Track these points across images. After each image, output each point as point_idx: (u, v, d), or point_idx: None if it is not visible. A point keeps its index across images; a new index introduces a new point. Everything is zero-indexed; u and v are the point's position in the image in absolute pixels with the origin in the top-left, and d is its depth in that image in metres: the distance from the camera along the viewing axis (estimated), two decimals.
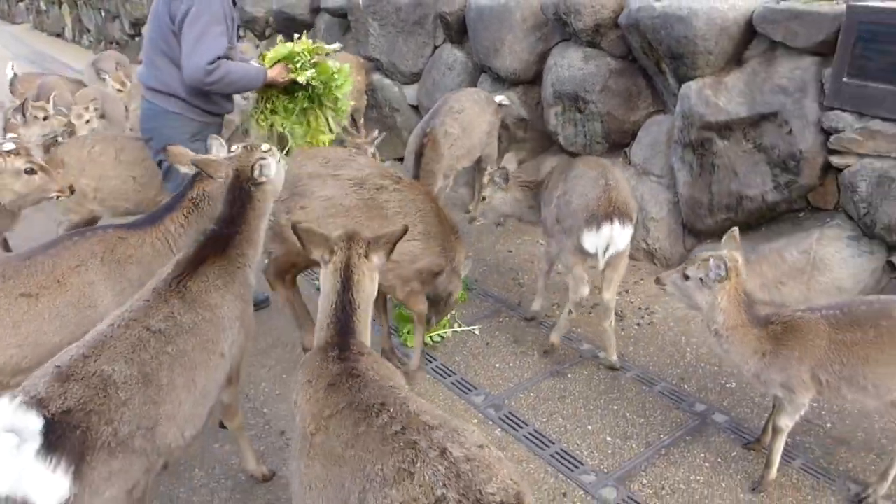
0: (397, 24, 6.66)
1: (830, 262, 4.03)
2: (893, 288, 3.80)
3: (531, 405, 3.48)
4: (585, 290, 3.60)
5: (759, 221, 4.36)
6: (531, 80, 5.61)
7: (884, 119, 3.65)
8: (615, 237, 3.44)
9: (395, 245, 2.25)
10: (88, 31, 17.14)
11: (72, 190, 3.49)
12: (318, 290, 2.30)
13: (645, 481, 2.97)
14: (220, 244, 2.55)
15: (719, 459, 3.09)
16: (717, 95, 4.25)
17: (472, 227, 5.15)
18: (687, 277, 2.75)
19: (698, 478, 2.99)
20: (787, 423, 2.77)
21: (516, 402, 3.49)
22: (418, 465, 1.57)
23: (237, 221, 2.63)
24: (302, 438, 1.87)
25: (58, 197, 3.45)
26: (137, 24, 13.75)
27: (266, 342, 4.03)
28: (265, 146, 2.84)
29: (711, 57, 4.23)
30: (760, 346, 2.68)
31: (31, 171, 3.30)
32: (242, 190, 2.68)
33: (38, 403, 1.84)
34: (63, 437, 1.81)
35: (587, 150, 5.27)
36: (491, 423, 3.37)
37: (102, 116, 5.90)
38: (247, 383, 3.72)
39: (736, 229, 2.82)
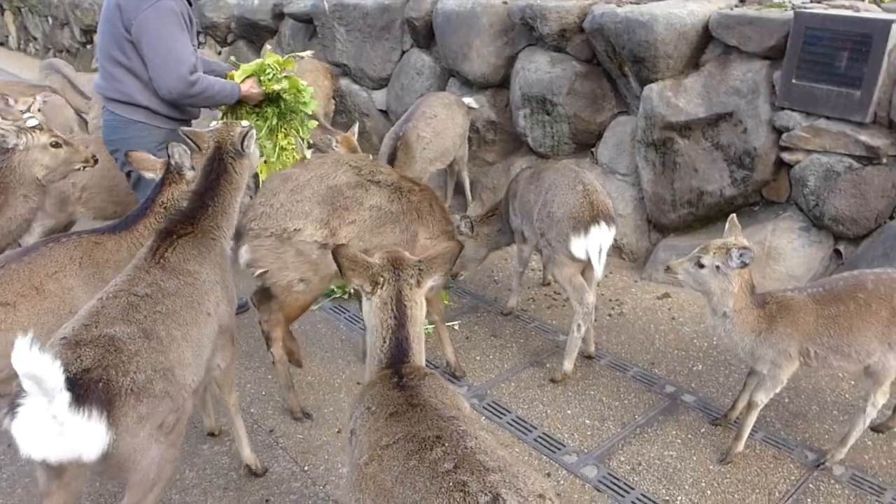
0: (364, 30, 6.82)
1: (784, 251, 4.36)
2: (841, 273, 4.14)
3: (513, 393, 3.69)
4: (591, 298, 3.63)
5: (718, 215, 4.67)
6: (499, 84, 5.84)
7: (828, 118, 4.00)
8: (603, 239, 3.54)
9: (453, 264, 2.11)
10: (35, 38, 16.75)
11: (95, 160, 3.60)
12: (345, 319, 2.35)
13: (622, 458, 3.21)
14: (195, 217, 2.70)
15: (689, 436, 3.35)
16: (677, 97, 4.54)
17: None
18: (701, 266, 2.91)
19: (671, 453, 3.24)
20: (763, 398, 3.02)
21: (498, 391, 3.70)
22: None
23: (212, 194, 2.76)
24: (355, 469, 1.78)
25: (83, 168, 3.57)
26: (89, 32, 13.54)
27: (248, 345, 4.14)
28: (245, 122, 2.96)
29: (671, 60, 4.53)
30: (758, 325, 2.93)
31: (56, 145, 3.42)
32: (221, 162, 2.80)
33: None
34: (88, 391, 1.97)
35: (555, 150, 5.53)
36: (476, 412, 3.57)
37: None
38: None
39: (734, 216, 3.01)
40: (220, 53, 8.90)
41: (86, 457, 1.95)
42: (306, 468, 3.18)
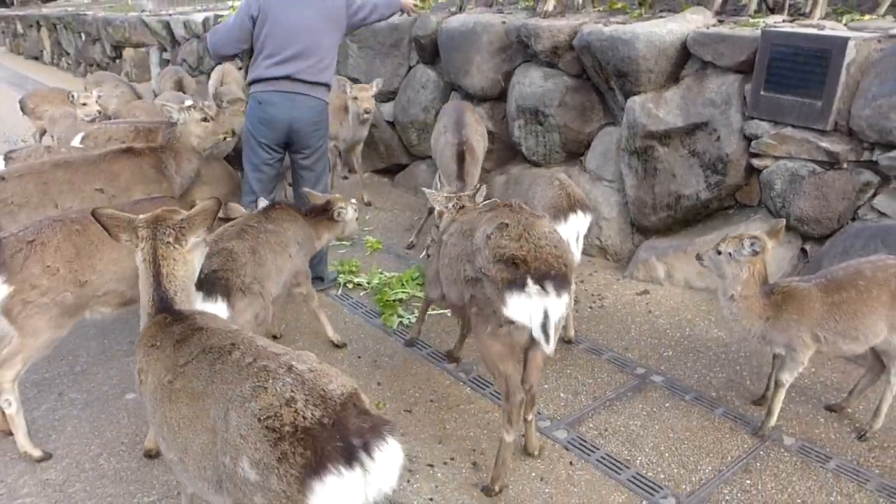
0: (375, 47, 7.25)
1: None
2: (808, 271, 4.39)
3: None
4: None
5: (695, 217, 4.97)
6: (497, 97, 6.21)
7: (793, 126, 4.30)
8: (580, 225, 3.87)
9: (213, 220, 2.44)
10: (68, 53, 17.49)
11: (233, 132, 4.92)
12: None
13: (591, 425, 3.49)
14: (310, 214, 4.04)
15: (654, 409, 3.63)
16: (658, 108, 4.87)
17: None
18: (719, 253, 3.25)
19: (636, 422, 3.52)
20: (787, 378, 3.26)
21: (482, 368, 4.00)
22: (270, 381, 1.85)
23: (321, 216, 4.06)
24: (159, 390, 2.10)
25: (225, 138, 4.85)
26: (118, 47, 14.19)
27: None
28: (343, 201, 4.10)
29: (652, 75, 4.86)
30: (764, 312, 3.20)
31: (206, 119, 4.51)
32: (329, 213, 4.06)
33: None
34: (215, 285, 3.07)
35: (547, 159, 5.87)
36: (461, 383, 3.87)
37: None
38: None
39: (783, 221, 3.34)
40: (240, 69, 9.35)
41: None
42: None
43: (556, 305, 2.71)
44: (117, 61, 14.28)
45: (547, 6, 5.74)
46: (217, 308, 2.98)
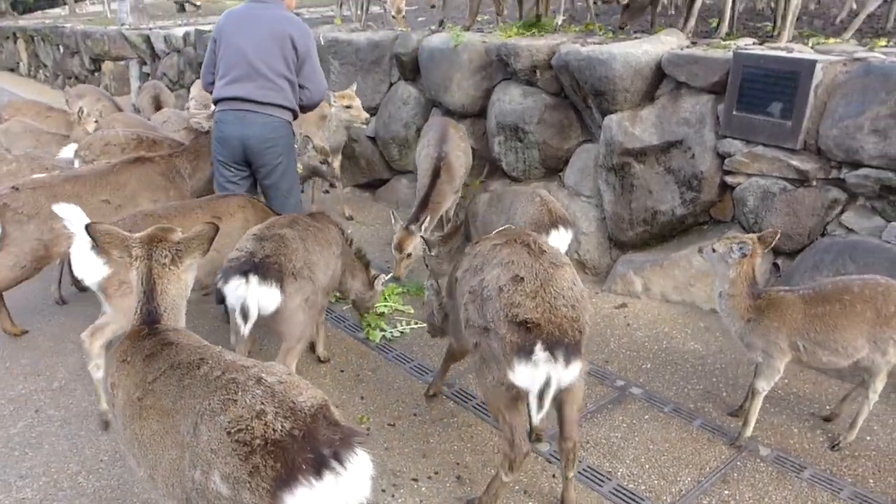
0: (356, 63, 7.26)
1: None
2: (779, 286, 4.48)
3: (476, 383, 3.98)
4: None
5: (671, 233, 5.05)
6: (477, 114, 6.26)
7: (765, 145, 4.40)
8: (562, 240, 3.88)
9: (209, 244, 2.43)
10: (45, 66, 17.25)
11: (367, 121, 6.11)
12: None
13: None
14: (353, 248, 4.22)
15: (634, 421, 3.66)
16: (634, 126, 4.95)
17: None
18: (714, 251, 3.39)
19: (617, 434, 3.54)
20: (763, 385, 3.31)
21: (465, 381, 4.00)
22: (240, 393, 1.85)
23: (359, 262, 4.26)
24: (129, 407, 2.09)
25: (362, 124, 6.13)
26: (97, 60, 14.03)
27: None
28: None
29: (628, 94, 4.94)
30: (747, 313, 3.28)
31: (349, 107, 5.82)
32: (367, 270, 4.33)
33: (250, 255, 3.27)
34: (269, 270, 3.23)
35: (526, 174, 5.92)
36: (444, 396, 3.87)
37: None
38: None
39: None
40: None
41: (267, 309, 3.21)
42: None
43: (562, 375, 2.50)
44: (96, 74, 14.12)
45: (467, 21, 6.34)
46: (271, 292, 3.20)
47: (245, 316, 3.20)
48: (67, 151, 5.31)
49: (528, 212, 3.95)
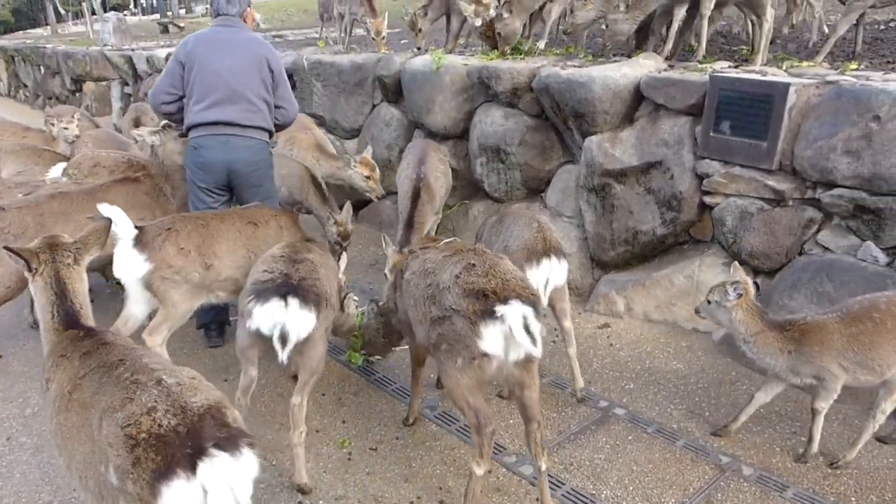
0: (339, 85, 7.27)
1: (710, 284, 4.67)
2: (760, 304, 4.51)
3: None
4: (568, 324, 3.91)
5: (652, 252, 5.07)
6: (459, 135, 6.28)
7: (742, 166, 4.45)
8: (553, 271, 3.69)
9: (105, 239, 2.68)
10: (25, 86, 17.12)
11: (381, 196, 6.05)
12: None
13: (557, 460, 3.48)
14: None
15: (618, 442, 3.63)
16: (614, 148, 4.99)
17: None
18: (710, 303, 3.40)
19: (600, 456, 3.52)
20: (822, 405, 3.29)
21: (447, 403, 3.96)
22: (138, 392, 1.98)
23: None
24: (59, 399, 2.21)
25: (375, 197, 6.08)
26: (79, 81, 13.95)
27: (224, 361, 4.40)
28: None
29: (608, 116, 4.99)
30: (784, 345, 3.25)
31: (368, 178, 5.85)
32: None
33: (286, 276, 3.15)
34: (308, 293, 3.11)
35: (508, 195, 5.93)
36: (428, 420, 3.82)
37: None
38: None
39: (736, 263, 3.57)
40: None
41: (300, 336, 3.05)
42: (274, 462, 3.46)
43: (532, 314, 2.70)
44: (77, 94, 14.02)
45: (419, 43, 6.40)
46: (308, 317, 3.08)
47: (284, 341, 3.03)
48: (56, 170, 5.25)
49: (523, 237, 3.77)
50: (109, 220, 2.73)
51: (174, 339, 4.05)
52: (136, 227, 3.70)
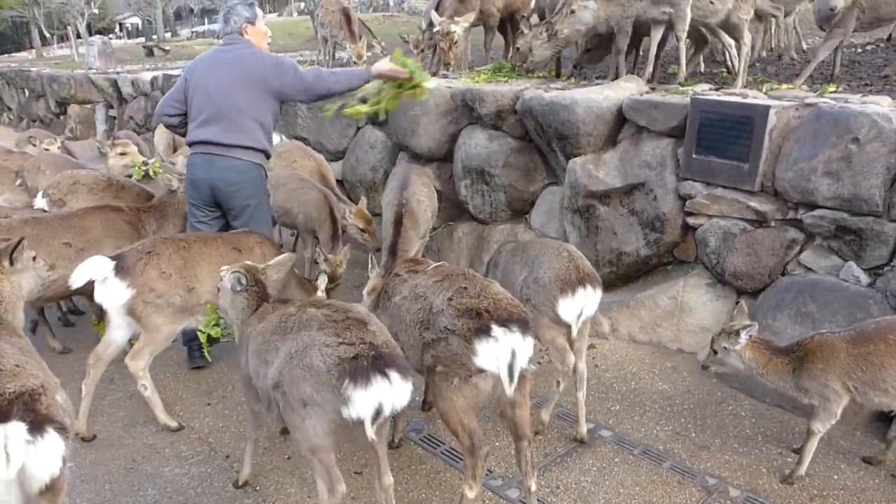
0: (324, 107, 7.25)
1: (694, 305, 4.75)
2: None
3: (445, 428, 3.87)
4: (572, 358, 3.62)
5: (636, 273, 5.07)
6: (444, 157, 6.27)
7: (724, 187, 4.47)
8: (589, 300, 3.57)
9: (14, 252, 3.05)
10: (10, 108, 16.99)
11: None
12: None
13: (543, 483, 3.41)
14: None
15: (604, 465, 3.58)
16: (598, 170, 5.01)
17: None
18: (716, 353, 3.44)
19: (587, 479, 3.47)
20: (819, 427, 3.26)
21: (434, 426, 3.89)
22: None
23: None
24: None
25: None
26: (63, 104, 13.87)
27: (208, 384, 4.33)
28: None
29: (591, 138, 5.01)
30: (789, 366, 3.30)
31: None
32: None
33: (370, 346, 2.57)
34: (402, 362, 2.61)
35: (493, 217, 5.93)
36: (413, 443, 3.75)
37: None
38: (192, 418, 4.03)
39: (742, 303, 3.64)
40: None
41: (397, 409, 2.57)
42: (258, 488, 3.40)
43: (523, 346, 2.75)
44: (61, 117, 13.93)
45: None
46: (409, 388, 2.58)
47: (378, 418, 2.54)
48: (38, 198, 5.20)
49: (555, 267, 3.58)
50: (22, 237, 3.15)
51: (156, 362, 3.98)
52: (113, 257, 3.69)
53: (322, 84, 4.45)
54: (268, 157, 4.57)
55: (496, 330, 2.72)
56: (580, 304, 3.52)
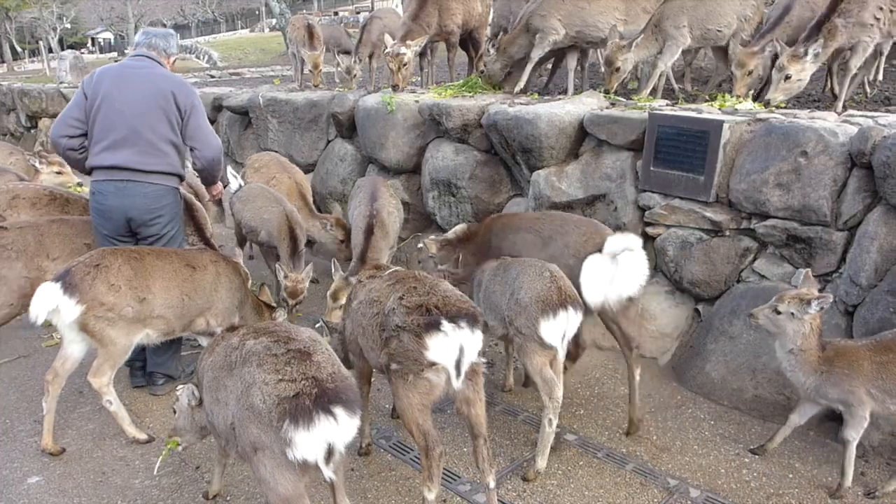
0: (294, 122, 7.19)
1: (655, 312, 4.77)
2: (701, 330, 4.55)
3: None
4: (560, 392, 3.36)
5: None
6: (412, 170, 6.25)
7: (681, 198, 4.51)
8: (570, 322, 3.35)
9: None
10: None
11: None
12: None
13: (510, 487, 3.37)
14: None
15: (570, 468, 3.55)
16: (560, 181, 5.03)
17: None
18: (778, 312, 3.25)
19: (553, 482, 3.43)
20: (852, 434, 3.16)
21: (403, 433, 3.83)
22: None
23: None
24: None
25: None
26: (34, 118, 13.49)
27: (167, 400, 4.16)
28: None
29: (554, 151, 5.03)
30: (820, 366, 3.19)
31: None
32: None
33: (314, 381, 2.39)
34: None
35: None
36: (382, 450, 3.68)
37: None
38: (162, 429, 3.91)
39: (809, 270, 3.37)
40: None
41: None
42: (228, 498, 3.30)
43: (471, 341, 2.78)
44: (32, 131, 13.55)
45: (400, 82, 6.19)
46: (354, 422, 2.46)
47: (332, 456, 2.40)
48: None
49: (535, 287, 3.36)
50: None
51: (125, 373, 3.85)
52: (60, 275, 3.47)
53: (217, 164, 4.19)
54: (182, 180, 4.25)
55: (445, 325, 2.73)
56: (562, 327, 3.30)
